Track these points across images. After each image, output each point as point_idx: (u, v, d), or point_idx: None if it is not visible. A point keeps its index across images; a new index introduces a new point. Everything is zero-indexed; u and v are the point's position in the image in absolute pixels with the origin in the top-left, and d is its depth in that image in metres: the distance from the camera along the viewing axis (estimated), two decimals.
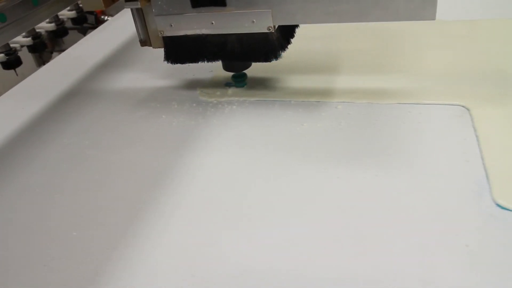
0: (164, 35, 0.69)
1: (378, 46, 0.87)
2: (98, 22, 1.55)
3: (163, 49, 0.72)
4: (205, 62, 0.72)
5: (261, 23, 0.65)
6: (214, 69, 0.82)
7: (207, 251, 0.48)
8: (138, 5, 0.68)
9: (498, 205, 0.48)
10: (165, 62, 0.72)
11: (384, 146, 0.59)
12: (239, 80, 0.79)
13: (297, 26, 0.75)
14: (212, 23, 0.66)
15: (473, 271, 0.42)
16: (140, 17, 0.71)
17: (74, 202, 0.57)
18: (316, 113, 0.67)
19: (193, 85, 0.80)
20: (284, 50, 0.70)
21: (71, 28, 1.48)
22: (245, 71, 0.77)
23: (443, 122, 0.62)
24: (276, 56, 0.68)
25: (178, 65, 0.72)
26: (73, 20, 1.43)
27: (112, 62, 0.95)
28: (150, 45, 0.74)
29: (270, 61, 0.69)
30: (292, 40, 0.73)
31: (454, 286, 0.41)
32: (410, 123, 0.63)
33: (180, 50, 0.71)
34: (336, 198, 0.52)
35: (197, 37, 0.68)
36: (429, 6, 0.59)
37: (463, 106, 0.65)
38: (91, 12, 1.53)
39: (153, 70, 0.87)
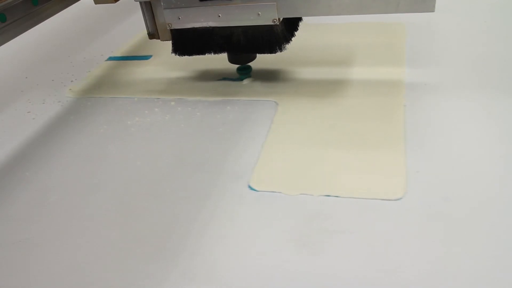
0: (172, 28, 0.72)
1: None
2: None
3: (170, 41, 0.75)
4: (212, 54, 0.74)
5: (266, 15, 0.67)
6: (91, 69, 0.93)
7: None
8: None
9: (249, 187, 0.56)
10: (173, 54, 0.75)
11: (195, 134, 0.68)
12: (244, 72, 0.81)
13: (300, 19, 0.77)
14: (219, 16, 0.69)
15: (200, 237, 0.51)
16: (148, 10, 0.73)
17: None
18: (151, 108, 0.76)
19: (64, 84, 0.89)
20: (288, 42, 0.72)
21: None
22: (249, 64, 0.80)
23: (252, 115, 0.71)
24: (280, 48, 0.70)
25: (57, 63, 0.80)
26: None
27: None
28: (158, 38, 0.76)
29: (274, 53, 0.71)
30: (296, 33, 0.76)
31: (188, 244, 0.50)
32: (224, 115, 0.72)
33: (187, 42, 0.73)
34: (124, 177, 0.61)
35: (204, 30, 0.70)
36: None
37: (275, 102, 0.73)
38: None
39: (37, 69, 0.96)
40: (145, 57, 0.94)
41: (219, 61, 0.80)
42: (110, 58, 0.97)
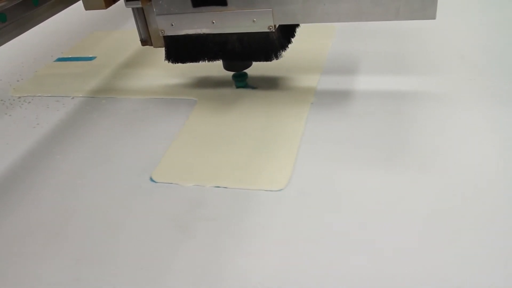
0: (165, 35, 0.70)
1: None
2: None
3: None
4: (206, 61, 0.72)
5: (261, 22, 0.65)
6: (38, 69, 0.97)
7: None
8: (139, 4, 0.68)
9: (151, 179, 0.61)
10: (166, 61, 0.73)
11: (115, 130, 0.73)
12: (240, 80, 0.79)
13: (297, 25, 0.75)
14: (213, 23, 0.67)
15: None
16: (141, 16, 0.72)
17: None
18: (83, 106, 0.82)
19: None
20: (285, 49, 0.70)
21: None
22: (245, 71, 0.78)
23: (171, 112, 0.76)
24: (277, 55, 0.68)
25: None
26: None
27: None
28: (151, 45, 0.74)
29: (270, 60, 0.69)
30: (292, 39, 0.74)
31: None
32: (145, 112, 0.77)
33: (181, 49, 0.71)
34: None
35: (198, 37, 0.68)
36: (429, 6, 0.60)
37: (195, 99, 0.78)
38: None
39: None
40: (90, 58, 1.00)
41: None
42: (59, 59, 1.01)
